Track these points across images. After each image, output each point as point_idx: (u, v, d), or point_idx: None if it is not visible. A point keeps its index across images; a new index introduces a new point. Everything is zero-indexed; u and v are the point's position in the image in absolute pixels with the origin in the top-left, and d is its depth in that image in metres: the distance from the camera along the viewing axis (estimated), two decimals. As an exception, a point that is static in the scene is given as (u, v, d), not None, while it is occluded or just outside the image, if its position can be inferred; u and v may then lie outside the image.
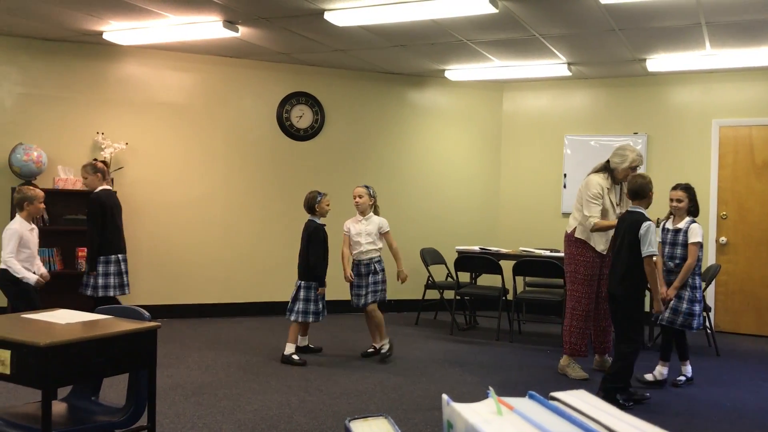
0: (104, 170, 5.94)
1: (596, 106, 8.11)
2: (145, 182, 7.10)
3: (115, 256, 5.73)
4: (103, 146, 6.86)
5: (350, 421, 1.01)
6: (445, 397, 0.86)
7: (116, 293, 5.68)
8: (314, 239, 5.59)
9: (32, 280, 5.08)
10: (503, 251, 7.28)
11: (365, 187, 5.83)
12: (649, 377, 5.14)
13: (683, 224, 5.07)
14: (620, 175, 5.19)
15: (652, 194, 4.61)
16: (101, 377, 3.09)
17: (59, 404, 3.00)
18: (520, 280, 7.13)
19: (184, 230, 7.37)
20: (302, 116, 7.80)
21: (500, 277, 6.73)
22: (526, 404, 0.87)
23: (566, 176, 8.07)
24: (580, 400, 0.89)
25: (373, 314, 5.76)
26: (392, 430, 0.99)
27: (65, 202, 6.75)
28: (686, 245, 5.01)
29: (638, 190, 4.58)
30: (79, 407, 3.01)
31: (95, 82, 7.04)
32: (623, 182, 5.22)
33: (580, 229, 5.26)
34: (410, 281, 7.89)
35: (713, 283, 6.95)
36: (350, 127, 8.04)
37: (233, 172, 7.57)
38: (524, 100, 8.48)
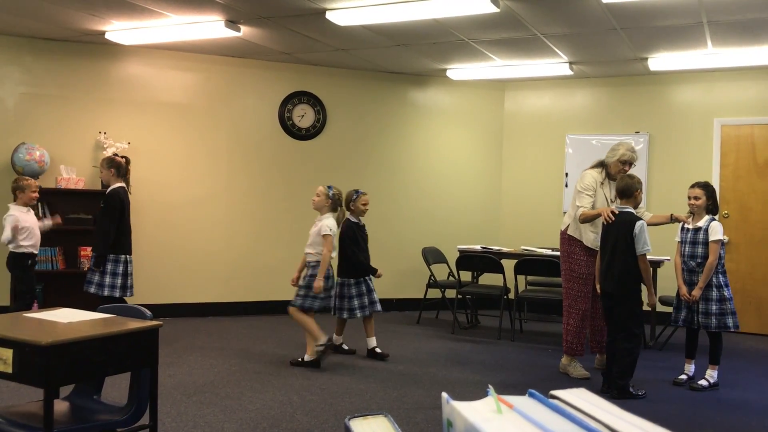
0: (120, 166, 5.75)
1: (598, 105, 8.11)
2: (147, 182, 7.10)
3: (124, 256, 5.64)
4: (105, 146, 6.87)
5: (350, 419, 1.02)
6: (444, 395, 0.87)
7: (120, 294, 5.62)
8: (348, 237, 5.70)
9: (47, 226, 6.06)
10: (505, 250, 7.28)
11: (327, 187, 5.58)
12: (682, 378, 5.14)
13: (703, 222, 5.03)
14: (613, 170, 5.23)
15: (639, 194, 4.77)
16: (103, 376, 3.09)
17: (61, 403, 3.00)
18: (521, 279, 7.13)
19: (186, 229, 7.38)
20: (304, 116, 7.81)
21: (502, 276, 6.73)
22: (526, 403, 0.87)
23: (568, 175, 8.07)
24: (580, 398, 0.90)
25: (293, 316, 5.45)
26: (392, 428, 0.99)
27: (68, 201, 6.76)
28: (707, 244, 4.96)
29: (624, 189, 4.76)
30: (81, 406, 3.02)
31: (98, 81, 7.05)
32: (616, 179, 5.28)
33: (573, 225, 5.29)
34: (413, 280, 7.95)
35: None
36: (352, 126, 8.05)
37: (235, 171, 7.58)
38: (526, 99, 8.48)
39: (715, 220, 5.03)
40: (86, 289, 5.62)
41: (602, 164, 5.32)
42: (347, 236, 5.74)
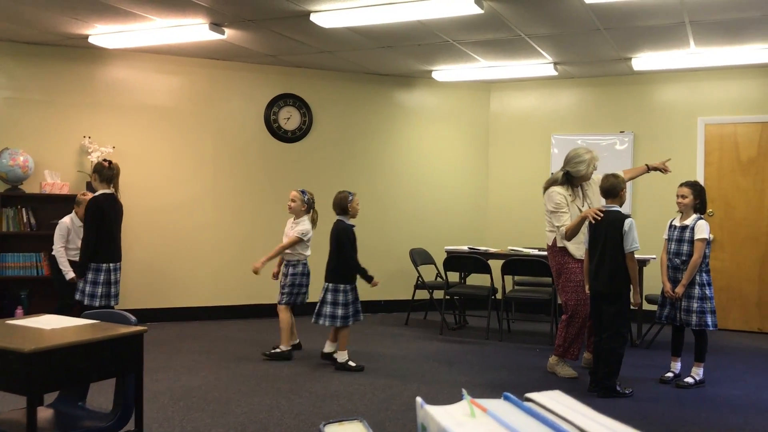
0: (102, 171, 5.57)
1: (583, 105, 8.15)
2: (133, 186, 7.05)
3: (106, 265, 5.49)
4: (90, 150, 6.83)
5: (325, 425, 1.02)
6: (419, 399, 0.87)
7: (102, 303, 5.52)
8: (345, 240, 5.41)
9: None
10: (492, 251, 7.30)
11: (301, 192, 5.78)
12: (669, 375, 5.18)
13: (690, 221, 5.07)
14: (584, 179, 5.25)
15: (624, 192, 4.82)
16: (87, 383, 3.07)
17: (45, 410, 2.98)
18: (508, 279, 7.15)
19: (172, 233, 7.35)
20: (290, 118, 7.80)
21: (489, 276, 6.75)
22: (500, 406, 0.87)
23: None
24: (554, 401, 0.90)
25: (280, 314, 5.76)
26: (368, 433, 1.00)
27: (52, 206, 6.69)
28: (692, 242, 5.00)
29: (610, 189, 4.78)
30: (65, 413, 3.00)
31: (81, 85, 7.01)
32: (582, 183, 5.33)
33: (558, 237, 5.26)
34: (401, 282, 7.95)
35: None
36: (338, 128, 8.04)
37: (221, 174, 7.56)
38: (511, 100, 8.51)
39: (702, 218, 5.07)
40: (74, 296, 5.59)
41: (566, 177, 5.24)
42: (348, 239, 5.43)
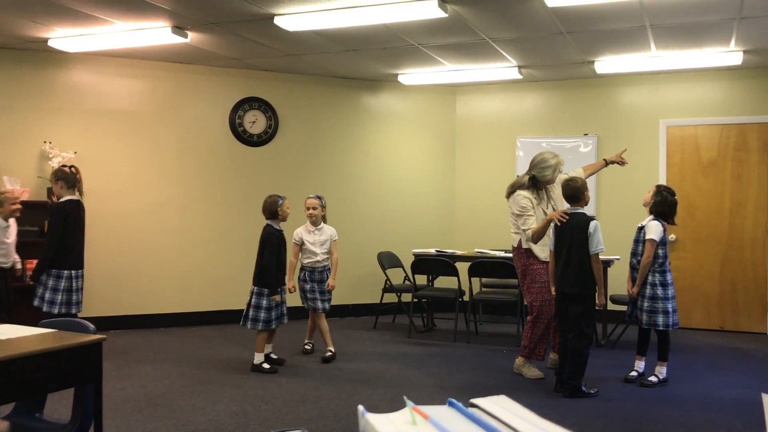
0: (68, 177, 5.55)
1: (547, 108, 8.23)
2: (95, 191, 6.92)
3: (67, 272, 5.45)
4: (50, 155, 6.71)
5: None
6: (360, 408, 0.86)
7: (62, 310, 5.43)
8: (268, 244, 5.48)
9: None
10: (459, 253, 7.33)
11: (317, 198, 5.87)
12: (633, 375, 5.24)
13: (645, 221, 5.21)
14: (549, 183, 5.33)
15: (586, 194, 4.87)
16: (45, 393, 3.01)
17: (1, 422, 2.92)
18: (476, 281, 7.19)
19: (136, 239, 7.24)
20: (255, 122, 7.75)
21: (456, 278, 6.77)
22: (443, 412, 0.87)
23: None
24: (498, 406, 0.90)
25: (322, 321, 5.91)
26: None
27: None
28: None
29: (574, 193, 4.83)
30: (22, 425, 2.94)
31: (42, 90, 6.88)
32: (547, 186, 5.40)
33: (524, 239, 5.31)
34: (368, 285, 7.95)
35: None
36: (304, 132, 8.01)
37: (186, 179, 7.48)
38: (477, 103, 8.56)
39: (655, 220, 5.16)
40: (34, 303, 5.50)
41: (532, 182, 5.30)
42: (271, 244, 5.45)
